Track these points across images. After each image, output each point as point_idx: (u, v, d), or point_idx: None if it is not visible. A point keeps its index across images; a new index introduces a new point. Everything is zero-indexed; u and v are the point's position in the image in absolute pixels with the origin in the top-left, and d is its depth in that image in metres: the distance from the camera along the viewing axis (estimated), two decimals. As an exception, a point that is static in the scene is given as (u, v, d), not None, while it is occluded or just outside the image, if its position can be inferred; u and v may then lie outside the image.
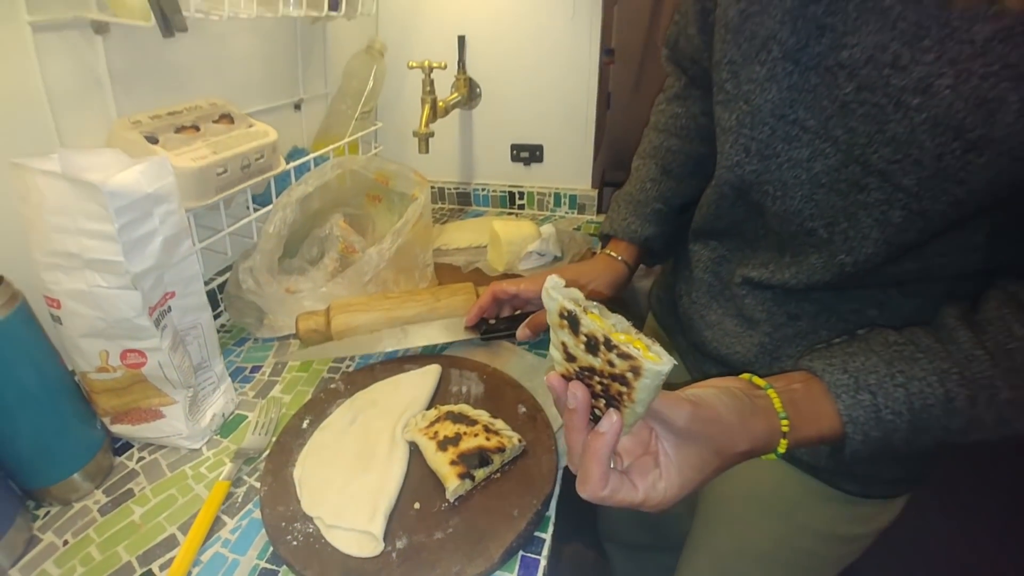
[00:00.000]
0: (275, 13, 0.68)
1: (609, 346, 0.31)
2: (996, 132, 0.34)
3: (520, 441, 0.56)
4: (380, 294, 0.81)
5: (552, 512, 0.53)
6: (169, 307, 0.56)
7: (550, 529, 0.51)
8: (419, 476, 0.54)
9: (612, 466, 0.36)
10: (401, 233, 0.81)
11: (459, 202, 1.31)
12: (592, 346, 0.32)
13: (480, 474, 0.53)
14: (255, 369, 0.75)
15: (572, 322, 0.32)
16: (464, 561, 0.46)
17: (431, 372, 0.67)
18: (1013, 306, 0.39)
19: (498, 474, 0.54)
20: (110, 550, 0.51)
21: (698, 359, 0.63)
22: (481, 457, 0.53)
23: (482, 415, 0.59)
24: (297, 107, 0.99)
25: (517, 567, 0.48)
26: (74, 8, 0.59)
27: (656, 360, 0.30)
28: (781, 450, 0.39)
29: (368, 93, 1.02)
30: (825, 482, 0.55)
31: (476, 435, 0.55)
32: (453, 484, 0.51)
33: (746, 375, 0.42)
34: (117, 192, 0.47)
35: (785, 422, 0.39)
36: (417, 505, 0.51)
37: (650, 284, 0.82)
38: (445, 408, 0.61)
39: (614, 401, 0.33)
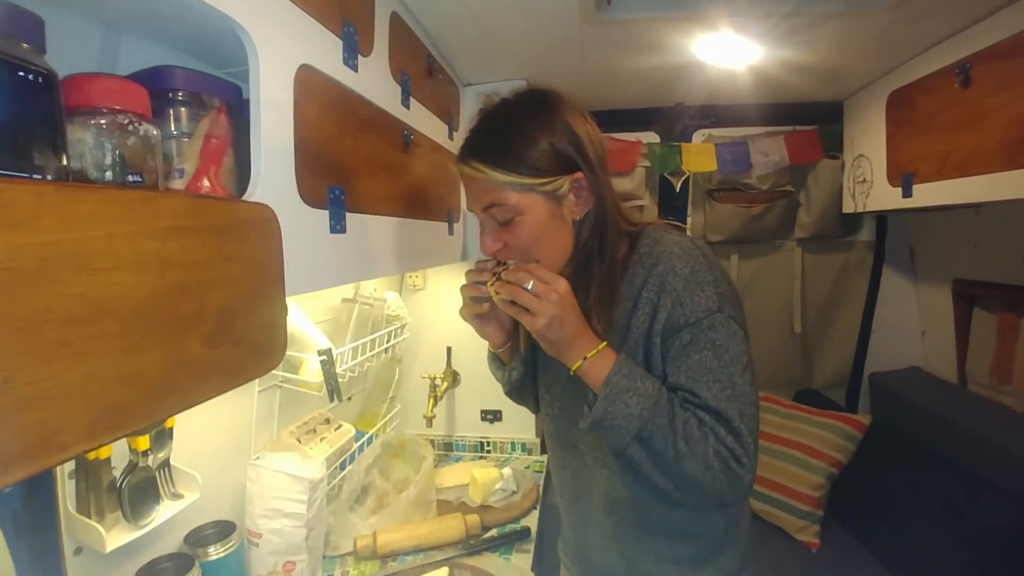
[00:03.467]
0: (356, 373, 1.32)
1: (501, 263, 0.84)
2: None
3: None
4: (404, 523, 1.32)
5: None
6: (309, 537, 1.08)
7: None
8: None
9: None
10: (418, 483, 1.36)
11: (444, 449, 1.87)
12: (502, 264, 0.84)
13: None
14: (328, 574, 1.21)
15: (499, 263, 0.84)
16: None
17: (443, 571, 1.17)
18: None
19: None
20: None
21: None
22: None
23: (472, 592, 1.09)
24: (349, 398, 1.60)
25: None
26: (271, 383, 1.21)
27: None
28: (577, 363, 0.77)
29: (393, 386, 1.65)
30: None
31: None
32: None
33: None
34: (311, 480, 1.03)
35: (593, 353, 0.77)
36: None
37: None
38: (452, 590, 1.10)
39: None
